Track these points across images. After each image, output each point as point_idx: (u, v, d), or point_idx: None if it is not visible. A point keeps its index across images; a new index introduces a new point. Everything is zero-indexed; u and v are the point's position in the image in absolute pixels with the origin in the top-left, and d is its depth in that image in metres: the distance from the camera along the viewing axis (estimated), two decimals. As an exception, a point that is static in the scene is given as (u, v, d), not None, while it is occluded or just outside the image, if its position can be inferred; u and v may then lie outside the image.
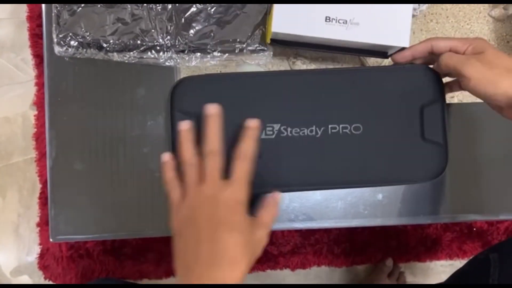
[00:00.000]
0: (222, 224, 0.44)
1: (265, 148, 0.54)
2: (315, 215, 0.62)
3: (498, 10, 0.66)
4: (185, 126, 0.49)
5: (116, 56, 0.60)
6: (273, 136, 0.54)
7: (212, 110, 0.48)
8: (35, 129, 1.08)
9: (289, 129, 0.54)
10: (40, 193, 1.07)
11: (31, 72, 1.09)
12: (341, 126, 0.54)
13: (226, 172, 0.48)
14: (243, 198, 0.46)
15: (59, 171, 0.61)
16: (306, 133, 0.54)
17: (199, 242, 0.44)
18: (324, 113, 0.54)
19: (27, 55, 1.09)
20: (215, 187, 0.46)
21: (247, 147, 0.48)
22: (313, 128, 0.54)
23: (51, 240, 0.60)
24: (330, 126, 0.54)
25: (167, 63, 0.60)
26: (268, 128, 0.54)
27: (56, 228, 0.60)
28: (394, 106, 0.55)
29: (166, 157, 0.50)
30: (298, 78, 0.55)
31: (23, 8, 1.09)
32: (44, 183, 1.07)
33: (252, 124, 0.49)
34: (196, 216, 0.45)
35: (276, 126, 0.54)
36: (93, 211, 0.61)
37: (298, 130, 0.54)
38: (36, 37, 1.07)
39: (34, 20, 1.07)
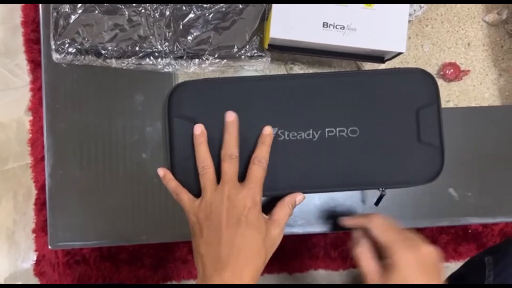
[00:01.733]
0: (240, 222, 0.47)
1: None
2: (314, 220, 0.62)
3: (492, 15, 0.67)
4: (198, 131, 0.53)
5: (114, 63, 0.59)
6: None
7: (231, 118, 0.53)
8: (30, 135, 1.07)
9: (286, 133, 0.55)
10: (36, 199, 1.07)
11: (26, 78, 1.08)
12: (337, 129, 0.55)
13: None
14: (258, 199, 0.50)
15: (58, 178, 0.60)
16: (303, 137, 0.55)
17: (220, 242, 0.47)
18: (320, 117, 0.55)
19: (22, 60, 1.08)
20: (232, 188, 0.49)
21: (263, 152, 0.52)
22: (310, 131, 0.55)
23: (50, 247, 0.60)
24: (327, 129, 0.55)
25: (165, 69, 0.60)
26: None
27: (55, 235, 0.60)
28: (390, 109, 0.55)
29: (162, 171, 0.54)
30: (294, 82, 0.56)
31: (17, 13, 1.08)
32: (39, 189, 1.06)
33: (267, 131, 0.53)
34: (214, 216, 0.48)
35: (274, 130, 0.55)
36: (92, 217, 0.60)
37: (296, 134, 0.55)
38: (30, 42, 1.07)
39: (29, 25, 1.07)
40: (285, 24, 0.55)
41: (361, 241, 0.52)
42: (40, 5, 0.61)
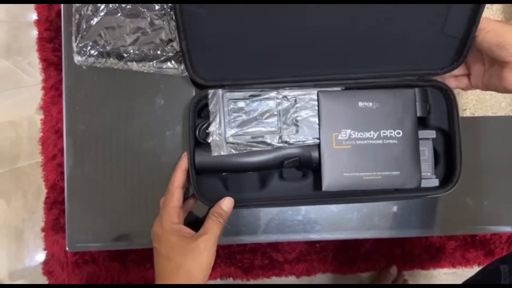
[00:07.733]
0: None
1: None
2: (330, 226, 0.62)
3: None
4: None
5: (135, 66, 0.60)
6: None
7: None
8: (41, 134, 1.07)
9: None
10: (46, 198, 1.06)
11: (38, 76, 1.08)
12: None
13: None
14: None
15: (76, 180, 0.60)
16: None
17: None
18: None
19: (34, 58, 1.08)
20: None
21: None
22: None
23: (67, 249, 0.60)
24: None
25: (186, 74, 0.60)
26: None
27: (73, 237, 0.60)
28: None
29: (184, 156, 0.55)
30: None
31: (31, 11, 1.08)
32: (49, 188, 1.06)
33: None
34: None
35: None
36: (110, 220, 0.60)
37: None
38: (43, 41, 1.06)
39: (42, 24, 1.06)
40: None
41: None
42: (62, 5, 0.61)
